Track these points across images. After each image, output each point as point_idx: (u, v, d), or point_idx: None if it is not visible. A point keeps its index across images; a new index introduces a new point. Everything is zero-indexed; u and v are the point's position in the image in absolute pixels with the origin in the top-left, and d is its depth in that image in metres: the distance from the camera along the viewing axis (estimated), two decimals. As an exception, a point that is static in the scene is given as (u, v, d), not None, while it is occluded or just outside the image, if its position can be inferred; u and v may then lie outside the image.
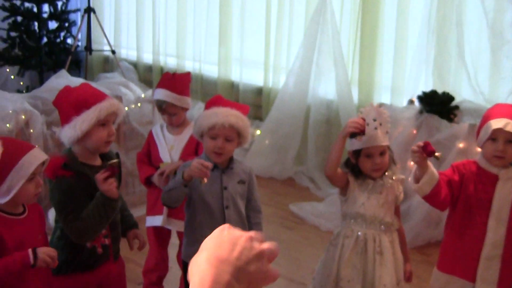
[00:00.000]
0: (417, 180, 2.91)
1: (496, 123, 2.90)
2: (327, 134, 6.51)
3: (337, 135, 3.17)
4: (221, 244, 1.16)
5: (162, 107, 3.79)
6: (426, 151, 2.85)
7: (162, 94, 3.80)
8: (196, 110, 7.10)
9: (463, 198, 2.96)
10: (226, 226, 1.20)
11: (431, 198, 2.93)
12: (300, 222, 5.53)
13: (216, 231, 1.20)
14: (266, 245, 1.19)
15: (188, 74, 3.92)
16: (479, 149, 5.04)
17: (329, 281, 3.09)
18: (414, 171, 2.92)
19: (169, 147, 3.80)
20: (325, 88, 6.66)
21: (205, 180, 2.91)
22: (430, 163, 2.90)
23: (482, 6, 5.59)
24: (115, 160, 2.77)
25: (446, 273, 3.05)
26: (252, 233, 1.20)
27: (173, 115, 3.79)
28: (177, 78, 3.87)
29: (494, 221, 2.92)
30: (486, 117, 2.98)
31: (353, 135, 3.00)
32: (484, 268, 2.94)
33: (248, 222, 3.19)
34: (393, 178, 3.12)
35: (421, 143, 2.86)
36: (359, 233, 3.07)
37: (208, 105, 3.13)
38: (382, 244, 3.05)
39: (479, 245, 2.94)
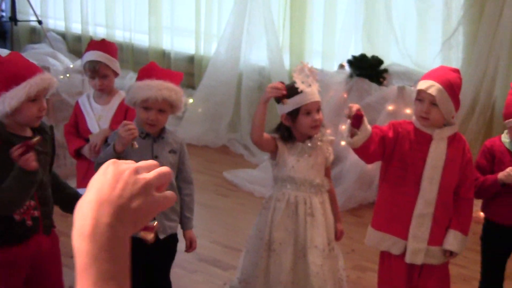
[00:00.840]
0: (351, 133, 2.93)
1: (421, 84, 2.94)
2: (259, 101, 6.51)
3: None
4: (104, 183, 1.07)
5: (95, 68, 3.71)
6: (352, 119, 2.87)
7: (94, 55, 3.74)
8: (127, 80, 7.01)
9: (398, 156, 2.99)
10: (111, 162, 1.11)
11: (361, 150, 2.96)
12: (235, 189, 5.55)
13: (102, 168, 1.11)
14: (153, 174, 1.11)
15: (114, 43, 3.89)
16: (408, 111, 5.17)
17: (262, 244, 3.11)
18: (349, 124, 2.93)
19: (97, 117, 3.74)
20: (257, 54, 6.66)
21: (136, 144, 2.90)
22: (364, 118, 2.92)
23: (408, -30, 5.66)
24: (35, 139, 2.69)
25: (379, 230, 3.09)
26: (139, 164, 1.12)
27: (105, 77, 3.73)
28: (107, 43, 3.86)
29: (427, 180, 2.96)
30: (421, 78, 3.02)
31: (278, 100, 3.03)
32: (416, 226, 2.99)
33: (179, 193, 3.18)
34: (322, 139, 3.14)
35: (352, 111, 2.86)
36: (290, 195, 3.10)
37: (141, 74, 3.08)
38: (313, 205, 3.08)
39: (412, 203, 2.98)
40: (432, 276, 3.08)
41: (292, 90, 3.04)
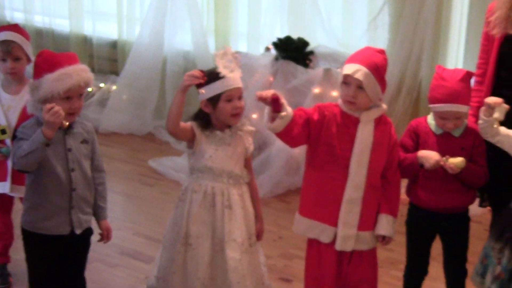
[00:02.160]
0: (271, 119, 2.82)
1: (348, 68, 2.86)
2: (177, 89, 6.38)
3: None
4: None
5: (8, 49, 3.51)
6: (271, 104, 2.75)
7: (7, 35, 3.56)
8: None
9: (324, 140, 2.90)
10: None
11: (283, 134, 2.86)
12: (160, 178, 5.40)
13: None
14: None
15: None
16: (334, 94, 5.10)
17: (178, 238, 2.98)
18: (268, 110, 2.82)
19: (6, 107, 3.52)
20: (181, 38, 6.50)
21: (65, 123, 2.81)
22: (284, 101, 2.81)
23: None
24: None
25: (307, 217, 3.00)
26: None
27: (18, 60, 3.54)
28: (20, 27, 3.71)
29: (355, 163, 2.89)
30: (347, 60, 2.93)
31: (198, 86, 2.91)
32: (345, 211, 2.91)
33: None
34: (243, 129, 3.02)
35: (268, 97, 2.74)
36: (207, 186, 2.97)
37: (45, 66, 2.87)
38: (231, 197, 2.97)
39: (341, 188, 2.90)
40: (362, 262, 3.02)
41: (213, 75, 2.91)
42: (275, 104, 2.76)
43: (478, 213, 4.05)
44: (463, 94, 3.01)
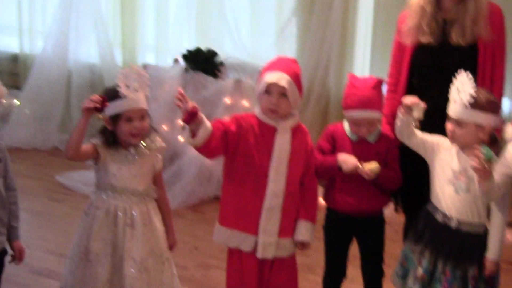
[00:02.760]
0: (192, 134, 2.80)
1: (270, 77, 2.88)
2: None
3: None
4: None
5: None
6: (186, 115, 2.74)
7: None
8: None
9: (243, 151, 2.92)
10: None
11: (202, 148, 2.85)
12: (69, 192, 5.26)
13: None
14: None
15: None
16: (246, 104, 5.13)
17: (79, 252, 2.92)
18: (189, 126, 2.80)
19: None
20: (87, 51, 6.41)
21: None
22: (203, 116, 2.79)
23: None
24: None
25: (228, 227, 3.00)
26: None
27: None
28: None
29: (274, 172, 2.91)
30: (264, 70, 2.96)
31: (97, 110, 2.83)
32: (265, 219, 2.93)
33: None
34: (151, 147, 2.98)
35: (188, 107, 2.73)
36: (109, 204, 2.92)
37: None
38: (133, 216, 2.93)
39: (260, 197, 2.92)
40: (283, 269, 3.03)
41: (115, 93, 2.86)
42: (189, 116, 2.74)
43: (388, 215, 4.15)
44: (375, 101, 3.09)
